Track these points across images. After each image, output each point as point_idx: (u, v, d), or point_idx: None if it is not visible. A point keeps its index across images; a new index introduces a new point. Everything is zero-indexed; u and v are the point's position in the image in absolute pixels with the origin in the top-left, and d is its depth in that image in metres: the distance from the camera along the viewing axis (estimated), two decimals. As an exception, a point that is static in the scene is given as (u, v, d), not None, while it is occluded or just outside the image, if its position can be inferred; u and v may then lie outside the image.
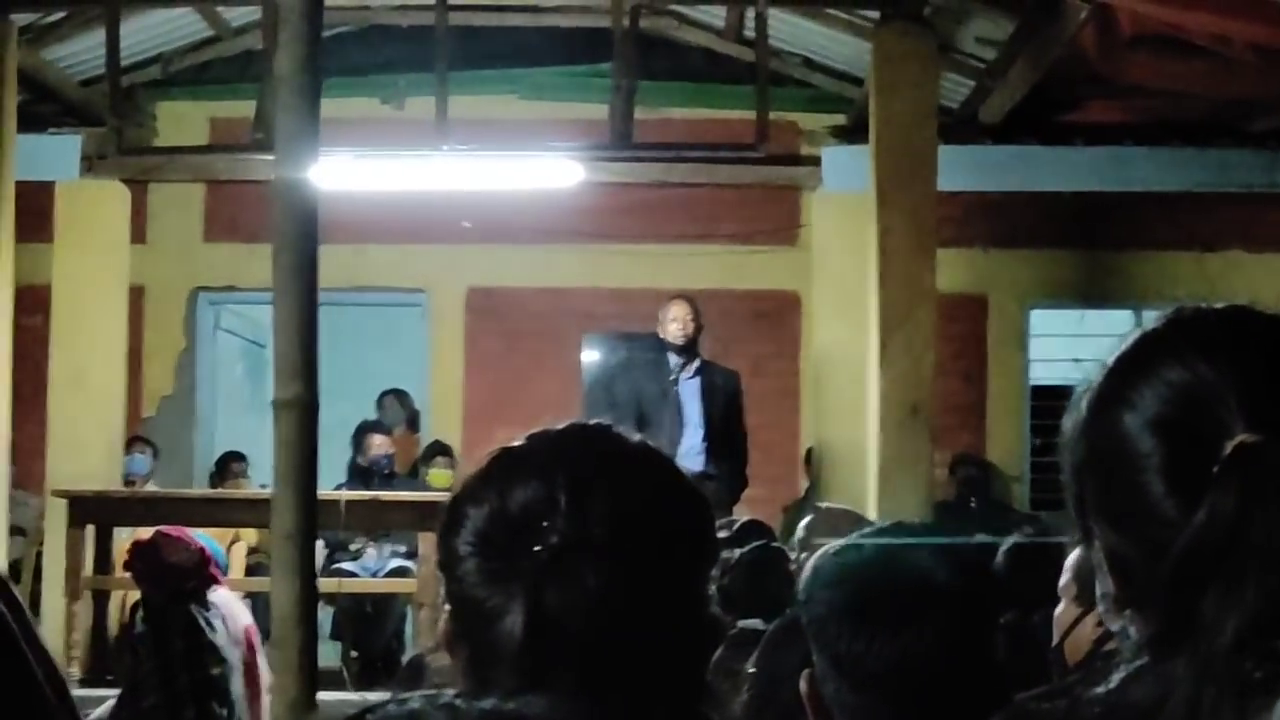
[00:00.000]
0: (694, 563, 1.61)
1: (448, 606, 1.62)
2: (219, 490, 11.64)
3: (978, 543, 2.93)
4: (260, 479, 11.28)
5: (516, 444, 1.64)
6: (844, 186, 10.57)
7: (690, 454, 9.69)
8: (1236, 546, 1.23)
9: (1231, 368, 1.30)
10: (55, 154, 10.70)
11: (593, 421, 1.67)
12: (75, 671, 9.31)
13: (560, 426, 1.66)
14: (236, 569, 10.94)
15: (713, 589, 1.62)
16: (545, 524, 1.52)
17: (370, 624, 10.80)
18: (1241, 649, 1.22)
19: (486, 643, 1.53)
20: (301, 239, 3.97)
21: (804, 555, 5.01)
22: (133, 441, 11.90)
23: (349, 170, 10.37)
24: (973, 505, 11.88)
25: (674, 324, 9.81)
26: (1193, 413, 1.30)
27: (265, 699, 6.97)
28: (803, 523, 5.96)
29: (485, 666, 1.55)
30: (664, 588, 1.55)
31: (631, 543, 1.53)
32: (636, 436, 1.67)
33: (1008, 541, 4.69)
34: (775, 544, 5.77)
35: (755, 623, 4.30)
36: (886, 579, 2.40)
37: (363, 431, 11.38)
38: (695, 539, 1.63)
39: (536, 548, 1.51)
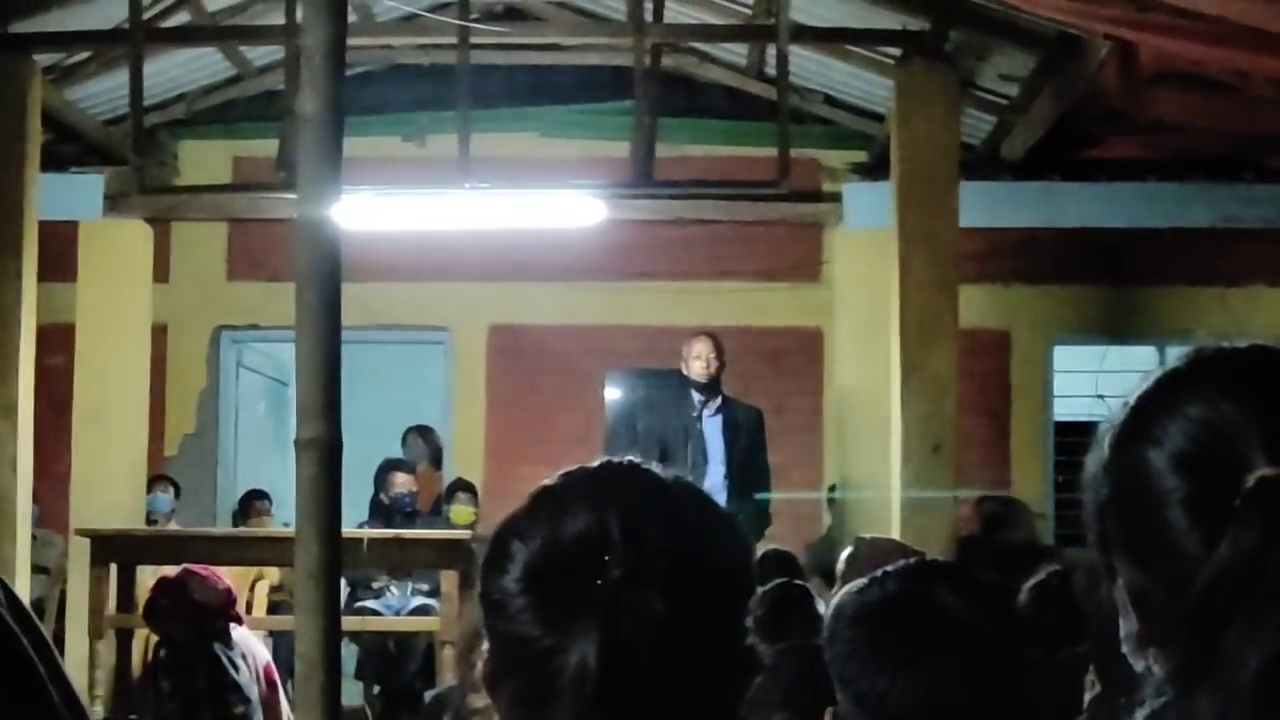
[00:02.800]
0: (737, 593, 1.64)
1: (488, 645, 1.62)
2: (242, 529, 11.64)
3: (1002, 580, 2.92)
4: (283, 517, 11.29)
5: (555, 482, 1.65)
6: (866, 223, 10.57)
7: (713, 491, 9.62)
8: (1258, 580, 1.24)
9: (1253, 404, 1.31)
10: (78, 193, 10.74)
11: (624, 459, 1.68)
12: (99, 710, 9.30)
13: (594, 464, 1.67)
14: (260, 607, 10.95)
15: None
16: (605, 558, 1.53)
17: (393, 662, 10.79)
18: (1264, 682, 1.22)
19: (539, 681, 1.54)
20: (324, 277, 3.97)
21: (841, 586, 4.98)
22: (155, 480, 11.92)
23: (371, 209, 10.40)
24: (997, 542, 11.84)
25: (697, 361, 9.81)
26: (1215, 448, 1.31)
27: (288, 737, 6.97)
28: (844, 554, 5.87)
29: (535, 705, 1.55)
30: (715, 618, 1.58)
31: (686, 574, 1.55)
32: (671, 473, 1.68)
33: (1033, 579, 4.67)
34: (799, 580, 5.75)
35: (779, 660, 4.28)
36: (910, 617, 2.40)
37: (385, 469, 11.38)
38: (738, 569, 1.66)
39: (599, 581, 1.52)
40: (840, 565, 5.75)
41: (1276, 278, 12.81)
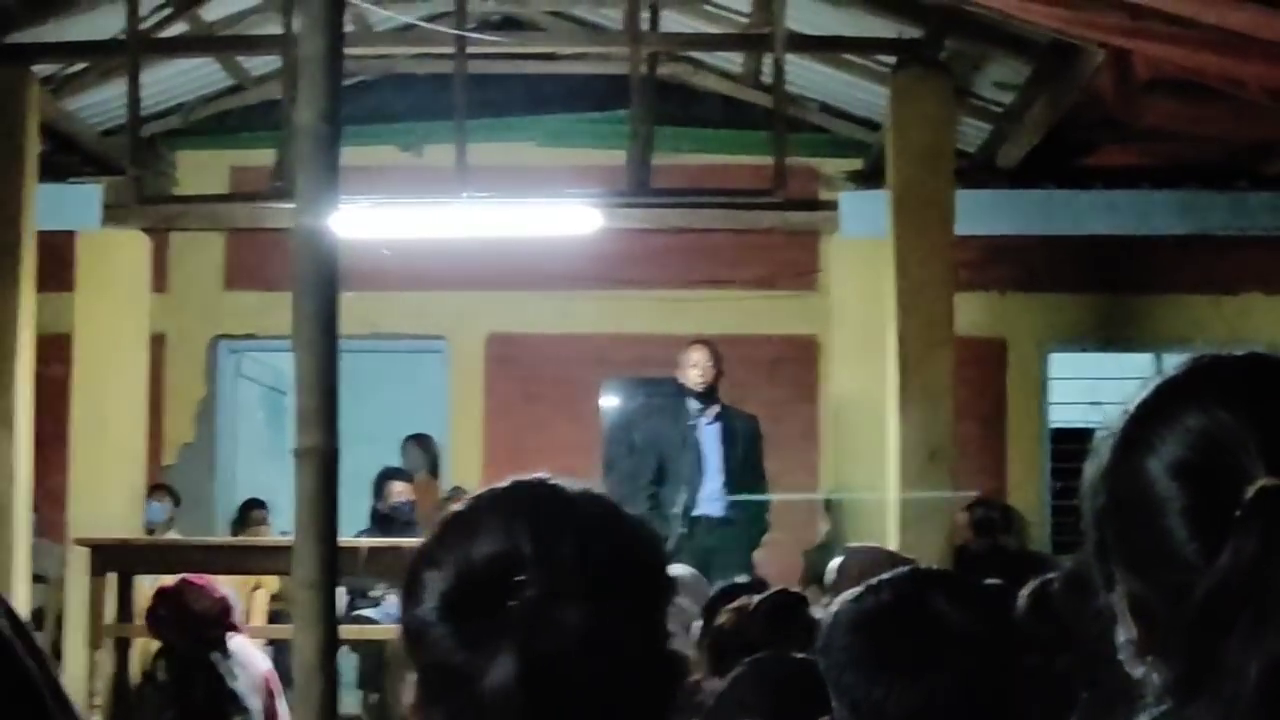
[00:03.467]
0: (654, 600, 1.64)
1: (414, 676, 1.62)
2: (240, 538, 11.64)
3: (998, 587, 2.93)
4: (281, 526, 11.30)
5: (464, 506, 1.65)
6: (862, 231, 10.57)
7: (710, 499, 9.70)
8: (1259, 590, 1.24)
9: (1252, 413, 1.31)
10: (76, 203, 10.73)
11: (534, 476, 1.68)
12: (97, 720, 9.32)
13: (502, 484, 1.67)
14: (258, 616, 10.96)
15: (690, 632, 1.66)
16: (518, 577, 1.54)
17: (391, 671, 10.79)
18: (1264, 693, 1.22)
19: (465, 706, 1.53)
20: (321, 287, 3.97)
21: (833, 597, 4.99)
22: (153, 489, 11.92)
23: (369, 218, 10.40)
24: (995, 549, 11.85)
25: (694, 369, 9.82)
26: (1214, 458, 1.30)
27: (287, 747, 6.97)
28: (832, 564, 5.86)
29: None
30: (633, 627, 1.58)
31: (600, 585, 1.56)
32: (579, 485, 1.68)
33: (1030, 585, 4.67)
34: (794, 589, 5.74)
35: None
36: (906, 625, 2.40)
37: (384, 478, 11.39)
38: (653, 576, 1.66)
39: (512, 601, 1.52)
40: (829, 576, 5.74)
41: (1272, 286, 12.82)
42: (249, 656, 7.41)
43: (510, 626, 1.51)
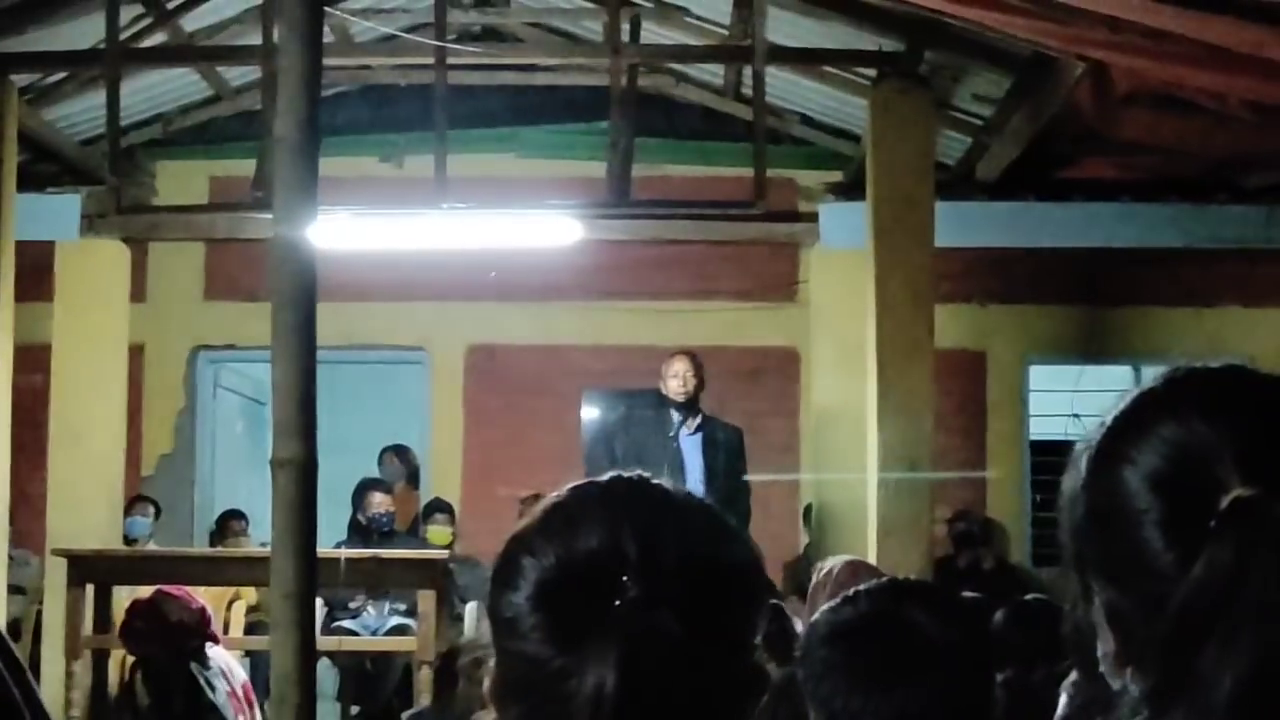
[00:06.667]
0: (749, 610, 1.61)
1: (495, 662, 1.60)
2: (219, 549, 11.61)
3: (976, 599, 2.94)
4: (260, 537, 11.26)
5: (566, 496, 1.62)
6: (842, 243, 10.58)
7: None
8: (1234, 600, 1.24)
9: (1227, 424, 1.31)
10: (55, 213, 10.71)
11: (633, 473, 1.66)
12: (74, 731, 9.28)
13: (604, 478, 1.64)
14: (236, 627, 10.93)
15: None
16: (623, 577, 1.50)
17: (370, 682, 10.77)
18: (1238, 703, 1.23)
19: (550, 702, 1.51)
20: (300, 297, 3.98)
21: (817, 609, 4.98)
22: (135, 501, 11.88)
23: (348, 229, 10.38)
24: (974, 562, 11.86)
25: (675, 379, 9.80)
26: (1190, 469, 1.31)
27: (264, 758, 6.96)
28: (815, 577, 5.87)
29: None
30: (727, 637, 1.55)
31: (700, 592, 1.53)
32: (679, 489, 1.65)
33: (1008, 599, 4.68)
34: (775, 599, 5.74)
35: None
36: (884, 635, 2.41)
37: (363, 489, 11.37)
38: (751, 586, 1.63)
39: (616, 602, 1.50)
40: (812, 587, 5.75)
41: (1251, 298, 12.85)
42: (228, 667, 7.40)
43: (610, 629, 1.48)
